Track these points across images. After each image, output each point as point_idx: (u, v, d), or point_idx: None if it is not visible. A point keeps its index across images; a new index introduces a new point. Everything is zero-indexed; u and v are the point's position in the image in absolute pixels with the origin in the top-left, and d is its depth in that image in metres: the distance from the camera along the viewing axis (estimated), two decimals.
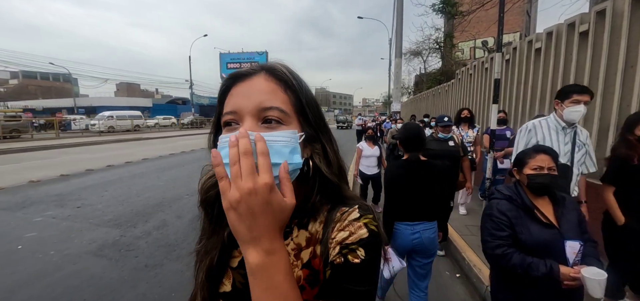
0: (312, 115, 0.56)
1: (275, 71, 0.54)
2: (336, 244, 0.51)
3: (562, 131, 2.24)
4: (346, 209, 0.55)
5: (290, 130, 0.51)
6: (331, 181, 0.56)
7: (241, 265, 0.58)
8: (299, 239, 0.57)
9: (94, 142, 15.56)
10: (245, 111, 0.50)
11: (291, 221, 0.57)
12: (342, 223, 0.53)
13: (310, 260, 0.55)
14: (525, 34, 20.22)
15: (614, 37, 3.51)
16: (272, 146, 0.47)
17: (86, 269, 3.05)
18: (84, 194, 5.76)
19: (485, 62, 6.93)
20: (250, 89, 0.52)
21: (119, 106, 36.25)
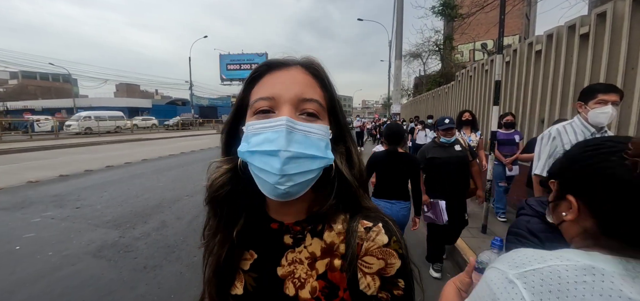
0: (341, 115, 0.56)
1: (313, 66, 0.54)
2: (375, 276, 0.50)
3: (591, 137, 1.95)
4: (369, 224, 0.52)
5: (325, 125, 0.51)
6: (350, 186, 0.54)
7: (253, 268, 0.57)
8: (313, 247, 0.54)
9: (94, 143, 15.53)
10: (284, 98, 0.49)
11: (303, 228, 0.56)
12: (370, 244, 0.50)
13: (327, 271, 0.52)
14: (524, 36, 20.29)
15: (614, 39, 3.52)
16: (310, 137, 0.48)
17: (85, 270, 3.03)
18: (83, 194, 5.73)
19: (485, 65, 6.94)
20: (289, 78, 0.51)
21: (118, 107, 36.21)
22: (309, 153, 0.47)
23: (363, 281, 0.50)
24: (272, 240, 0.56)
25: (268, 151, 0.46)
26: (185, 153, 12.43)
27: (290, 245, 0.55)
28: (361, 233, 0.52)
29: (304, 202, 0.54)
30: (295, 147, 0.46)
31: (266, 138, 0.47)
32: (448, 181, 2.87)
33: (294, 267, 0.54)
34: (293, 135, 0.47)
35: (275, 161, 0.46)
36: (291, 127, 0.47)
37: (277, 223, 0.57)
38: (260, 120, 0.49)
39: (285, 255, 0.55)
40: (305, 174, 0.48)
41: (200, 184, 6.59)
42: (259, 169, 0.48)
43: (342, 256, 0.52)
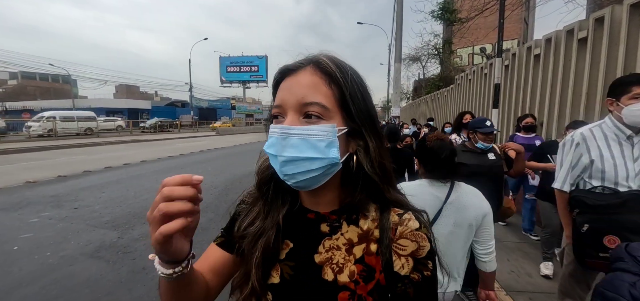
0: (355, 109, 0.54)
1: (320, 64, 0.54)
2: (409, 257, 0.55)
3: (627, 142, 1.59)
4: (401, 211, 0.58)
5: (328, 124, 0.52)
6: (373, 179, 0.55)
7: (289, 257, 0.59)
8: (350, 234, 0.58)
9: (93, 144, 15.49)
10: (288, 105, 0.53)
11: (340, 216, 0.59)
12: (403, 228, 0.56)
13: (364, 255, 0.56)
14: (523, 41, 20.42)
15: (612, 44, 3.55)
16: (307, 139, 0.51)
17: (82, 271, 3.01)
18: (81, 195, 5.71)
19: (484, 68, 6.97)
20: (295, 83, 0.53)
21: (117, 108, 36.22)
22: (304, 156, 0.50)
23: (397, 262, 0.55)
24: (309, 229, 0.60)
25: (272, 154, 0.53)
26: (185, 154, 12.41)
27: (327, 233, 0.58)
28: (395, 219, 0.57)
29: (332, 193, 0.59)
30: (289, 152, 0.51)
31: (272, 143, 0.53)
32: None
33: (332, 253, 0.57)
34: (288, 141, 0.51)
35: (276, 163, 0.53)
36: (286, 133, 0.51)
37: (313, 213, 0.60)
38: (274, 125, 0.55)
39: (322, 243, 0.58)
40: (307, 173, 0.51)
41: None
42: (273, 166, 0.55)
43: (378, 240, 0.56)
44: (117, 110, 35.75)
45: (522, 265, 3.14)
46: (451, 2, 15.81)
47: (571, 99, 4.11)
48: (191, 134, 26.51)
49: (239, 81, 50.59)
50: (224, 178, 7.51)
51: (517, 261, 3.22)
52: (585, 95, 3.86)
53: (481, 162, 2.35)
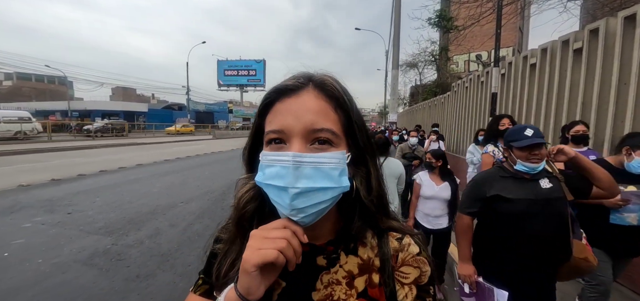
0: (360, 135, 0.52)
1: (326, 87, 0.50)
2: (412, 285, 0.53)
3: None
4: (399, 236, 0.55)
5: (339, 151, 0.49)
6: (369, 208, 0.53)
7: (283, 298, 0.53)
8: (350, 266, 0.53)
9: (90, 146, 15.34)
10: (294, 131, 0.47)
11: (337, 247, 0.54)
12: (405, 254, 0.54)
13: (366, 288, 0.52)
14: (518, 49, 20.70)
15: (607, 55, 3.60)
16: (321, 168, 0.46)
17: (75, 278, 2.96)
18: (75, 199, 5.63)
19: (480, 76, 7.03)
20: (300, 107, 0.48)
21: (113, 110, 35.98)
22: (319, 186, 0.45)
23: (401, 292, 0.52)
24: (303, 264, 0.53)
25: (278, 187, 0.46)
26: (181, 158, 12.33)
27: (324, 267, 0.54)
28: (394, 245, 0.54)
29: (329, 222, 0.54)
30: (303, 183, 0.45)
31: (276, 173, 0.46)
32: (528, 248, 1.51)
33: (332, 289, 0.52)
34: (301, 170, 0.45)
35: (285, 197, 0.45)
36: (299, 162, 0.45)
37: (307, 246, 0.53)
38: (272, 151, 0.48)
39: (319, 278, 0.53)
40: (318, 205, 0.46)
41: (195, 190, 6.53)
42: (274, 201, 0.48)
43: (379, 269, 0.53)
44: (113, 112, 35.49)
45: None
46: (448, 10, 15.98)
47: (567, 109, 4.15)
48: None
49: (237, 84, 50.56)
50: (221, 182, 7.46)
51: None
52: (581, 105, 3.90)
53: (530, 194, 1.50)
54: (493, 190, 1.56)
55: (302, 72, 0.52)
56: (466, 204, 1.70)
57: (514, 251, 1.53)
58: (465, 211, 1.69)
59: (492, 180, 1.60)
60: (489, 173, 1.69)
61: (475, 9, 9.62)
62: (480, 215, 1.67)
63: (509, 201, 1.51)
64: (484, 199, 1.60)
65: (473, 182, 1.72)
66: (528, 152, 1.51)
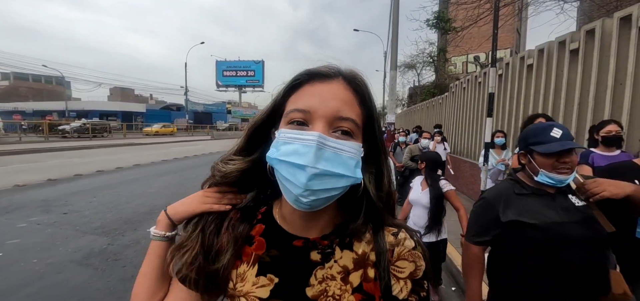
0: (378, 134, 0.54)
1: (356, 81, 0.52)
2: (407, 280, 0.53)
3: None
4: (394, 230, 0.56)
5: (357, 143, 0.49)
6: (376, 206, 0.53)
7: (275, 294, 0.52)
8: (345, 261, 0.53)
9: (87, 147, 15.28)
10: (319, 113, 0.47)
11: (331, 241, 0.54)
12: (401, 248, 0.54)
13: (361, 283, 0.52)
14: (515, 50, 20.79)
15: (603, 56, 3.61)
16: (341, 155, 0.46)
17: (70, 279, 2.93)
18: (71, 199, 5.60)
19: (478, 77, 7.06)
20: (328, 92, 0.49)
21: (111, 110, 35.87)
22: (336, 172, 0.46)
23: (396, 286, 0.53)
24: (296, 259, 0.53)
25: (296, 164, 0.45)
26: (179, 158, 12.30)
27: (318, 262, 0.53)
28: (390, 239, 0.54)
29: (327, 215, 0.54)
30: (323, 165, 0.45)
31: (296, 150, 0.46)
32: (558, 286, 1.15)
33: (326, 284, 0.51)
34: (323, 152, 0.45)
35: (302, 175, 0.45)
36: (322, 143, 0.45)
37: (301, 240, 0.54)
38: (293, 130, 0.48)
39: (313, 273, 0.52)
40: (329, 190, 0.46)
41: (192, 190, 6.48)
42: (285, 179, 0.47)
43: (375, 263, 0.53)
44: (111, 113, 35.39)
45: None
46: (446, 12, 16.04)
47: (563, 109, 4.17)
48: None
49: (235, 85, 50.54)
50: None
51: None
52: (578, 105, 3.92)
53: (561, 215, 1.13)
54: (510, 213, 1.17)
55: (332, 64, 0.53)
56: (474, 231, 1.29)
57: (540, 289, 1.13)
58: (474, 240, 1.29)
59: (506, 200, 1.20)
60: (501, 190, 1.26)
61: (473, 11, 9.66)
62: (493, 244, 1.27)
63: (535, 227, 1.11)
64: (497, 224, 1.20)
65: (482, 202, 1.31)
66: (555, 159, 1.13)
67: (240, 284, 0.54)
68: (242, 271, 0.54)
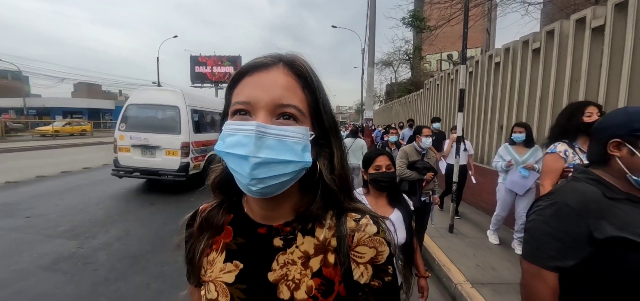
0: (326, 117, 0.54)
1: (296, 65, 0.51)
2: (368, 265, 0.53)
3: None
4: (357, 216, 0.55)
5: (303, 127, 0.49)
6: (332, 189, 0.53)
7: (240, 279, 0.54)
8: (306, 246, 0.54)
9: (49, 147, 14.26)
10: (260, 103, 0.47)
11: (294, 228, 0.55)
12: (361, 234, 0.53)
13: (321, 268, 0.53)
14: (485, 49, 21.82)
15: (561, 55, 3.91)
16: (284, 141, 0.47)
17: (37, 285, 2.77)
18: (34, 203, 5.24)
19: (451, 74, 7.36)
20: (268, 81, 0.49)
21: (76, 108, 33.66)
22: (281, 158, 0.46)
23: (356, 271, 0.53)
24: (260, 246, 0.55)
25: (239, 155, 0.46)
26: None
27: (280, 248, 0.54)
28: (352, 225, 0.54)
29: (290, 202, 0.54)
30: (265, 153, 0.45)
31: (238, 141, 0.46)
32: None
33: (287, 269, 0.53)
34: (264, 140, 0.46)
35: (245, 165, 0.45)
36: (262, 132, 0.45)
37: (265, 228, 0.55)
38: (235, 121, 0.48)
39: (276, 259, 0.53)
40: (278, 177, 0.47)
41: (167, 191, 6.30)
42: (233, 170, 0.48)
43: (335, 249, 0.53)
44: (76, 110, 33.21)
45: (487, 259, 3.35)
46: (421, 11, 16.52)
47: (527, 105, 4.46)
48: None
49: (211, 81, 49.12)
50: None
51: (483, 256, 3.43)
52: (539, 100, 4.21)
53: None
54: (608, 228, 0.82)
55: (273, 52, 0.53)
56: (551, 251, 0.88)
57: None
58: (551, 264, 0.88)
59: (597, 205, 0.86)
60: (586, 193, 0.89)
61: (445, 10, 10.03)
62: (571, 274, 0.88)
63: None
64: (589, 242, 0.84)
65: (559, 208, 0.90)
66: None
67: (210, 270, 0.57)
68: (211, 259, 0.58)
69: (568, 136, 1.97)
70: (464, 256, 3.40)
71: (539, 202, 0.97)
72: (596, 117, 1.89)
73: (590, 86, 3.48)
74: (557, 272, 0.88)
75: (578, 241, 0.85)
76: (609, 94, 3.24)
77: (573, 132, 1.96)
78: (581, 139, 1.94)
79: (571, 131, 1.97)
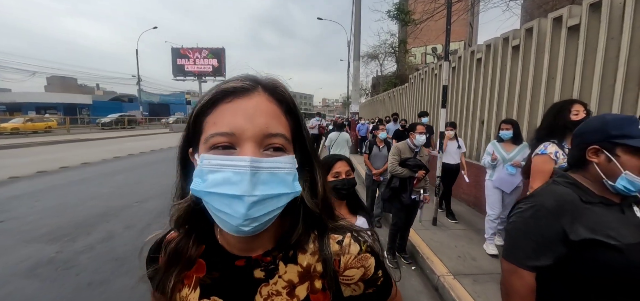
0: (307, 141, 0.52)
1: (277, 90, 0.49)
2: (359, 283, 0.54)
3: None
4: (339, 237, 0.54)
5: (290, 156, 0.47)
6: (314, 212, 0.52)
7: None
8: (289, 275, 0.51)
9: (20, 145, 13.57)
10: (245, 134, 0.43)
11: (274, 257, 0.52)
12: (347, 257, 0.52)
13: (309, 295, 0.51)
14: (468, 43, 22.27)
15: (539, 52, 4.05)
16: (277, 174, 0.44)
17: (15, 292, 2.67)
18: (9, 205, 5.00)
19: (434, 69, 7.49)
20: (251, 108, 0.45)
21: (49, 103, 32.06)
22: (275, 193, 0.44)
23: (347, 290, 0.53)
24: (239, 279, 0.51)
25: (231, 195, 0.41)
26: (134, 154, 11.47)
27: (262, 279, 0.51)
28: (335, 248, 0.52)
29: (270, 231, 0.51)
30: (261, 190, 0.42)
31: (226, 179, 0.42)
32: None
33: (272, 300, 0.50)
34: (258, 176, 0.42)
35: (240, 206, 0.41)
36: (256, 167, 0.42)
37: (242, 259, 0.51)
38: (218, 155, 0.43)
39: (258, 291, 0.50)
40: (271, 212, 0.44)
41: (151, 188, 6.16)
42: (219, 211, 0.43)
43: (322, 275, 0.52)
44: (50, 105, 31.62)
45: (468, 250, 3.48)
46: (406, 4, 16.62)
47: (506, 101, 4.61)
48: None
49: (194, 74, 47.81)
50: None
51: (464, 247, 3.56)
52: (518, 97, 4.36)
53: (637, 234, 0.90)
54: (581, 229, 0.88)
55: (248, 75, 0.49)
56: (528, 250, 0.95)
57: None
58: (527, 263, 0.95)
59: (573, 210, 0.91)
60: (562, 196, 0.94)
61: (429, 5, 10.14)
62: (549, 271, 0.94)
63: (614, 249, 0.85)
64: (563, 243, 0.90)
65: (536, 210, 0.96)
66: None
67: None
68: (184, 295, 0.53)
69: (555, 136, 1.95)
70: (446, 247, 3.52)
71: (520, 204, 1.03)
72: (583, 115, 1.89)
73: (566, 83, 3.63)
74: (533, 271, 0.94)
75: (553, 242, 0.91)
76: (582, 91, 3.40)
77: (560, 132, 1.95)
78: (569, 138, 1.91)
79: (558, 130, 1.96)
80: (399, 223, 3.24)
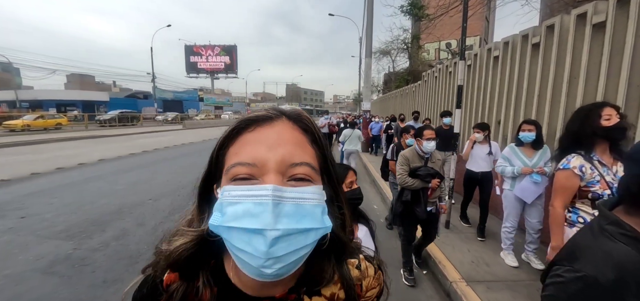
0: (334, 173, 0.49)
1: (302, 119, 0.47)
2: (374, 299, 0.58)
3: None
4: (355, 262, 0.56)
5: (319, 185, 0.43)
6: (342, 243, 0.50)
7: None
8: None
9: (41, 141, 14.09)
10: (269, 164, 0.40)
11: (299, 293, 0.48)
12: (368, 280, 0.56)
13: None
14: (484, 38, 21.65)
15: (560, 51, 3.86)
16: (304, 205, 0.40)
17: (33, 289, 2.75)
18: (28, 202, 5.19)
19: (449, 66, 7.29)
20: (273, 136, 0.42)
21: (69, 100, 33.18)
22: (301, 227, 0.39)
23: None
24: None
25: (250, 229, 0.37)
26: (148, 151, 11.72)
27: None
28: (356, 273, 0.54)
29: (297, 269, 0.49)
30: (284, 224, 0.38)
31: (247, 211, 0.38)
32: None
33: None
34: (281, 207, 0.38)
35: (260, 242, 0.37)
36: (279, 197, 0.38)
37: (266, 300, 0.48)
38: (238, 186, 0.40)
39: None
40: (297, 251, 0.39)
41: (164, 186, 6.26)
42: (239, 250, 0.39)
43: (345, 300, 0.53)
44: (69, 102, 32.72)
45: (482, 255, 3.37)
46: None
47: (525, 101, 4.43)
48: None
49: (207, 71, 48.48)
50: (192, 176, 7.14)
51: (477, 251, 3.46)
52: (537, 97, 4.18)
53: None
54: None
55: (273, 106, 0.48)
56: None
57: None
58: None
59: (639, 281, 0.62)
60: (622, 262, 0.63)
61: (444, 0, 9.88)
62: None
63: None
64: None
65: (583, 285, 0.66)
66: None
67: None
68: None
69: (582, 146, 1.67)
70: (459, 251, 3.42)
71: (559, 268, 0.72)
72: (616, 120, 1.59)
73: (589, 83, 3.45)
74: None
75: None
76: (607, 93, 3.21)
77: (588, 140, 1.66)
78: (599, 148, 1.64)
79: (586, 138, 1.66)
80: (410, 237, 2.98)
